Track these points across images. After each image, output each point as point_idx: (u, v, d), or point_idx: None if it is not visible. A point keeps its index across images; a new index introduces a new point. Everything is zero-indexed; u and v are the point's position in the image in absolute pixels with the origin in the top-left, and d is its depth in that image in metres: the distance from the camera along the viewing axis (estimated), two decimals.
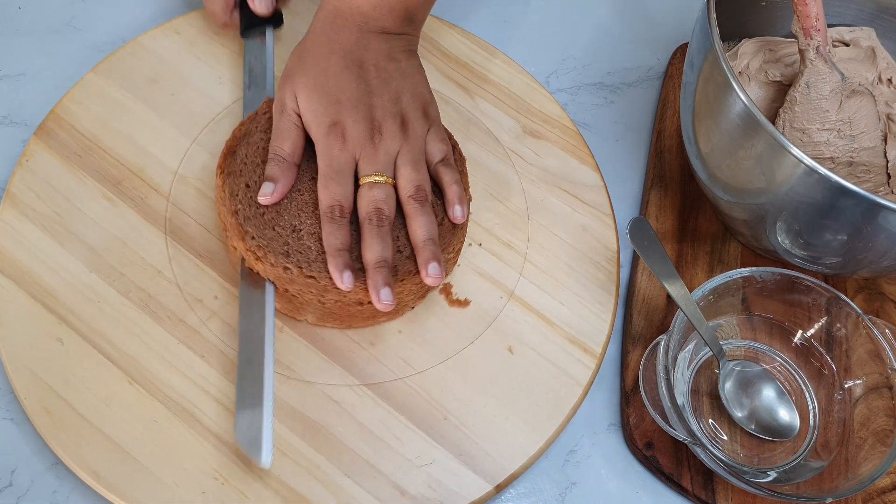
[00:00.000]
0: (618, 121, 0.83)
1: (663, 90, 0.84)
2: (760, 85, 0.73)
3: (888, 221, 0.59)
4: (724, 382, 0.67)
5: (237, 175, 0.65)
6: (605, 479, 0.66)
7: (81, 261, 0.66)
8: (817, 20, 0.66)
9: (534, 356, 0.67)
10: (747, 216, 0.68)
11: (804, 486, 0.64)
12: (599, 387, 0.69)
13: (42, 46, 0.79)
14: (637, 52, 0.87)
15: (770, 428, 0.66)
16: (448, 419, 0.64)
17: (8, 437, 0.63)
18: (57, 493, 0.61)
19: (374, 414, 0.63)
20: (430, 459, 0.62)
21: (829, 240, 0.63)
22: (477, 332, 0.67)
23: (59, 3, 0.82)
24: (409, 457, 0.62)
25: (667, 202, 0.77)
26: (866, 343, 0.66)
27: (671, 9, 0.91)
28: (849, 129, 0.68)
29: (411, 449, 0.62)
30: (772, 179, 0.62)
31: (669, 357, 0.63)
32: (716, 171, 0.68)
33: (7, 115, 0.75)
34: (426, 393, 0.64)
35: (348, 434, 0.62)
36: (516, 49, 0.83)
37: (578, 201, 0.75)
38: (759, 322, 0.70)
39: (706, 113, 0.66)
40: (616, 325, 0.70)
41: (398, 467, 0.62)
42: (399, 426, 0.63)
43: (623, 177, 0.79)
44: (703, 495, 0.64)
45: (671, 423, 0.62)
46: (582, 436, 0.67)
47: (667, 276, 0.64)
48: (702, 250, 0.75)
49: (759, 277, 0.68)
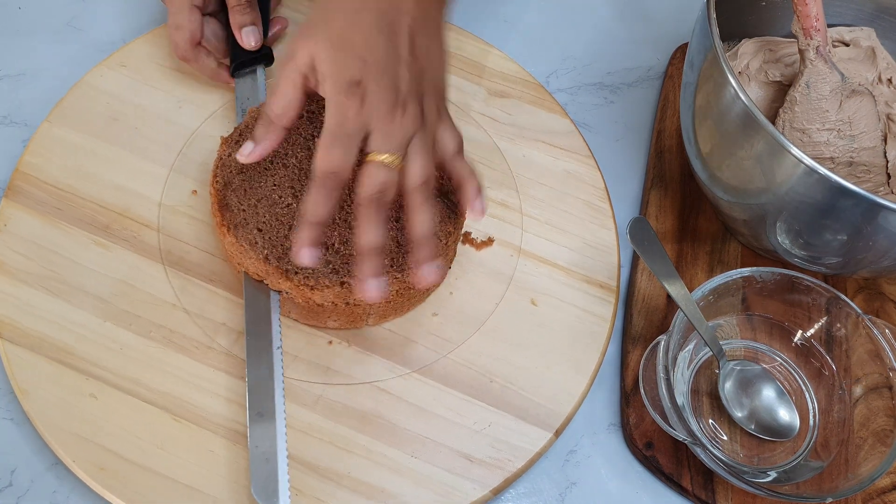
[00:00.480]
0: (618, 121, 0.83)
1: (663, 90, 0.84)
2: (760, 85, 0.73)
3: (888, 221, 0.59)
4: (724, 382, 0.67)
5: (244, 225, 0.63)
6: (605, 479, 0.66)
7: (92, 312, 0.65)
8: (817, 20, 0.66)
9: (556, 303, 0.69)
10: (747, 216, 0.68)
11: (804, 486, 0.64)
12: (599, 387, 0.69)
13: (42, 46, 0.79)
14: (637, 52, 0.87)
15: (770, 428, 0.66)
16: (494, 381, 0.66)
17: (8, 437, 0.62)
18: (57, 493, 0.61)
19: (426, 394, 0.65)
20: (487, 423, 0.64)
21: (829, 240, 0.63)
22: (500, 294, 0.69)
23: (59, 3, 0.82)
24: (467, 425, 0.64)
25: (667, 202, 0.77)
26: (866, 343, 0.66)
27: (671, 9, 0.91)
28: (849, 129, 0.68)
29: (468, 417, 0.64)
30: (772, 179, 0.62)
31: (669, 357, 0.63)
32: (716, 171, 0.68)
33: (7, 115, 0.75)
34: (468, 362, 0.66)
35: (405, 419, 0.64)
36: (516, 49, 0.83)
37: (556, 149, 0.77)
38: (759, 322, 0.70)
39: (706, 113, 0.66)
40: (616, 325, 0.70)
41: (460, 437, 0.64)
42: (452, 399, 0.65)
43: (623, 177, 0.79)
44: (703, 495, 0.64)
45: (671, 423, 0.62)
46: (582, 436, 0.67)
47: (667, 276, 0.64)
48: (702, 250, 0.75)
49: (759, 277, 0.68)
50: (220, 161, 0.66)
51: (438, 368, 0.66)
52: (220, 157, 0.66)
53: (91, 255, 0.67)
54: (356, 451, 0.62)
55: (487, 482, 0.62)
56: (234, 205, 0.64)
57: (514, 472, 0.63)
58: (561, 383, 0.66)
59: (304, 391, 0.64)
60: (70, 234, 0.68)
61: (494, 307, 0.69)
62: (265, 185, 0.65)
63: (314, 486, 0.61)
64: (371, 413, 0.63)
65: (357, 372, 0.65)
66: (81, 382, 0.62)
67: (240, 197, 0.65)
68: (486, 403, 0.65)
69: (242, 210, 0.64)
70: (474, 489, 0.62)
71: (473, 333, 0.68)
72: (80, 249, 0.67)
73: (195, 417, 0.62)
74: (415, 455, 0.62)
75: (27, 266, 0.66)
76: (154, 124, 0.73)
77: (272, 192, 0.65)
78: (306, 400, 0.63)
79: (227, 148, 0.66)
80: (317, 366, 0.65)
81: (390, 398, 0.64)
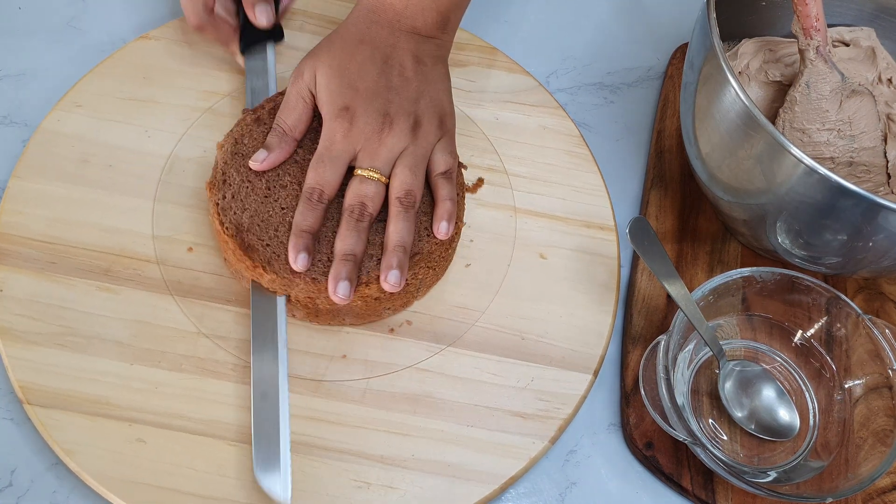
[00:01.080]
0: (618, 121, 0.83)
1: (663, 90, 0.84)
2: (760, 85, 0.73)
3: (888, 221, 0.59)
4: (724, 382, 0.67)
5: (259, 249, 0.64)
6: (605, 479, 0.66)
7: (116, 359, 0.63)
8: (817, 20, 0.66)
9: (564, 252, 0.72)
10: (747, 216, 0.68)
11: (804, 486, 0.64)
12: (599, 387, 0.69)
13: (42, 46, 0.79)
14: (637, 52, 0.87)
15: (770, 428, 0.66)
16: (526, 338, 0.68)
17: (8, 437, 0.62)
18: (57, 493, 0.61)
19: (465, 364, 0.67)
20: (530, 378, 0.66)
21: (829, 240, 0.63)
22: (508, 255, 0.71)
23: (59, 3, 0.82)
24: (512, 385, 0.66)
25: (667, 202, 0.77)
26: (866, 343, 0.66)
27: (671, 9, 0.91)
28: (849, 129, 0.68)
29: (510, 378, 0.66)
30: (772, 179, 0.62)
31: (669, 357, 0.63)
32: (716, 172, 0.68)
33: (7, 115, 0.75)
34: (498, 326, 0.68)
35: (452, 392, 0.65)
36: (516, 49, 0.83)
37: (525, 106, 0.79)
38: (759, 322, 0.70)
39: (706, 113, 0.66)
40: (616, 325, 0.71)
41: (508, 398, 0.65)
42: (491, 364, 0.67)
43: (623, 177, 0.79)
44: (703, 495, 0.64)
45: (671, 423, 0.62)
46: (582, 436, 0.67)
47: (667, 276, 0.64)
48: (702, 250, 0.75)
49: (759, 277, 0.68)
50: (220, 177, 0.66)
51: (470, 338, 0.68)
52: (219, 167, 0.66)
53: (98, 301, 0.65)
54: (413, 433, 0.63)
55: (544, 433, 0.64)
56: (256, 243, 0.64)
57: (566, 417, 0.65)
58: (587, 326, 0.69)
59: (349, 388, 0.64)
60: (72, 285, 0.66)
61: (507, 268, 0.71)
62: (274, 211, 0.65)
63: (381, 475, 0.62)
64: (419, 394, 0.65)
65: (395, 359, 0.66)
66: (125, 430, 0.61)
67: (258, 233, 0.64)
68: (524, 360, 0.67)
69: (267, 245, 0.64)
70: (533, 443, 0.64)
71: (494, 297, 0.69)
72: (87, 298, 0.65)
73: (250, 438, 0.61)
74: (470, 424, 0.64)
75: (35, 327, 0.64)
76: (126, 158, 0.72)
77: (284, 216, 0.65)
78: (353, 396, 0.64)
79: (225, 152, 0.67)
80: (354, 361, 0.65)
81: (433, 376, 0.66)
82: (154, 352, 0.64)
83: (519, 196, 0.74)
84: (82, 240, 0.68)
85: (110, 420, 0.61)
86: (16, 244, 0.67)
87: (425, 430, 0.64)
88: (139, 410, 0.62)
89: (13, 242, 0.67)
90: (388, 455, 0.62)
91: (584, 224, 0.73)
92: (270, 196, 0.66)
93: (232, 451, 0.61)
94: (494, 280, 0.70)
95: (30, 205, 0.69)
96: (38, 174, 0.70)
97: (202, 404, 0.63)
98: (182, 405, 0.62)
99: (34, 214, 0.69)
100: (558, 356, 0.67)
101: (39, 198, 0.69)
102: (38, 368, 0.62)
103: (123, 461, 0.60)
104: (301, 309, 0.65)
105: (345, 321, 0.66)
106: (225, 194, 0.65)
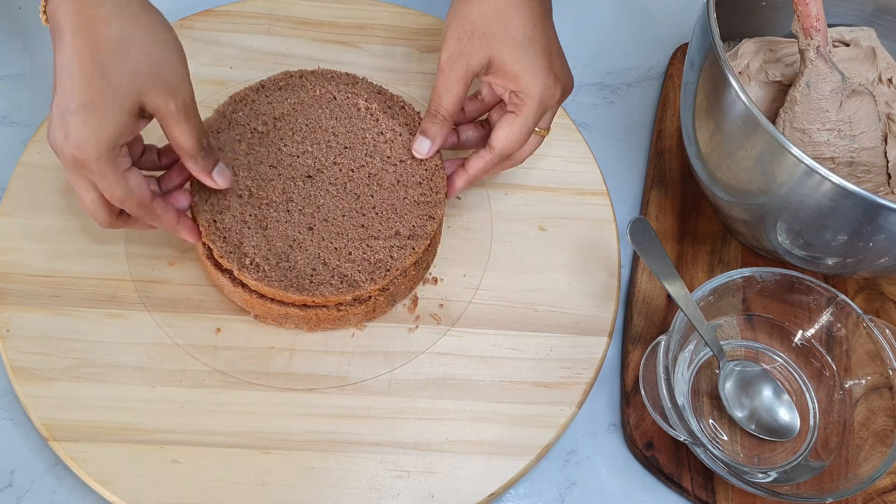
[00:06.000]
0: (618, 121, 0.83)
1: (663, 90, 0.84)
2: (760, 85, 0.73)
3: (888, 221, 0.59)
4: (724, 382, 0.67)
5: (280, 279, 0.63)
6: (605, 479, 0.66)
7: (137, 383, 0.63)
8: (817, 20, 0.66)
9: (562, 222, 0.73)
10: (747, 216, 0.68)
11: (804, 486, 0.64)
12: (599, 387, 0.69)
13: (42, 46, 0.79)
14: (637, 52, 0.87)
15: (770, 428, 0.66)
16: (537, 310, 0.69)
17: (8, 437, 0.63)
18: (57, 493, 0.61)
19: (483, 342, 0.67)
20: (548, 348, 0.67)
21: (829, 240, 0.63)
22: (508, 229, 0.72)
23: None
24: (531, 357, 0.67)
25: (667, 202, 0.77)
26: (866, 343, 0.66)
27: (671, 9, 0.90)
28: (849, 129, 0.68)
29: (529, 350, 0.67)
30: (772, 179, 0.62)
31: (669, 357, 0.63)
32: (716, 172, 0.68)
33: (7, 115, 0.75)
34: (504, 300, 0.69)
35: (475, 371, 0.66)
36: None
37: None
38: (759, 322, 0.70)
39: (706, 113, 0.66)
40: (616, 325, 0.71)
41: (529, 369, 0.66)
42: (507, 339, 0.68)
43: (623, 177, 0.79)
44: (703, 495, 0.64)
45: (671, 423, 0.62)
46: (582, 436, 0.67)
47: (667, 276, 0.64)
48: (702, 250, 0.75)
49: (760, 278, 0.68)
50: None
51: (477, 315, 0.68)
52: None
53: (110, 329, 0.65)
54: (444, 416, 0.64)
55: (571, 399, 0.65)
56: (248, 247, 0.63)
57: (589, 381, 0.66)
58: (595, 291, 0.70)
59: (373, 382, 0.65)
60: (79, 316, 0.65)
61: (510, 245, 0.71)
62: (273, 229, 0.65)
63: (419, 462, 0.62)
64: (443, 378, 0.66)
65: (412, 346, 0.67)
66: (158, 452, 0.60)
67: (253, 252, 0.63)
68: (539, 332, 0.68)
69: (268, 264, 0.63)
70: (562, 410, 0.65)
71: (501, 273, 0.70)
72: (97, 327, 0.64)
73: (284, 443, 0.62)
74: (497, 400, 0.65)
75: (48, 363, 0.63)
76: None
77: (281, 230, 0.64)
78: (380, 389, 0.65)
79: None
80: (375, 355, 0.66)
81: (454, 358, 0.66)
82: (174, 371, 0.63)
83: (513, 171, 0.73)
84: (82, 270, 0.67)
85: (141, 445, 0.61)
86: (16, 282, 0.66)
87: (455, 412, 0.64)
88: (169, 431, 0.61)
89: (13, 281, 0.66)
90: (423, 441, 0.63)
91: (578, 192, 0.75)
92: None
93: (267, 459, 0.61)
94: (480, 252, 0.71)
95: (22, 241, 0.67)
96: (26, 208, 0.69)
97: (231, 417, 0.62)
98: (211, 420, 0.62)
99: (30, 250, 0.67)
100: (572, 323, 0.68)
101: (31, 232, 0.68)
102: (58, 404, 0.61)
103: (160, 484, 0.59)
104: (301, 322, 0.65)
105: (351, 322, 0.66)
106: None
